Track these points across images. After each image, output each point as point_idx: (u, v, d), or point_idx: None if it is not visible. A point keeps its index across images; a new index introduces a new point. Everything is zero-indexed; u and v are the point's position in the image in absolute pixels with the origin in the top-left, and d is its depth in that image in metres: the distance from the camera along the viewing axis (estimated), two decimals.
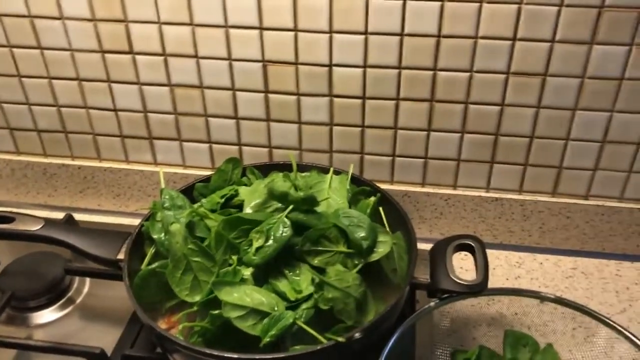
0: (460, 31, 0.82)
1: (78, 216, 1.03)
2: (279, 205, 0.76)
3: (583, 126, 0.87)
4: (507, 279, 0.94)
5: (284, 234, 0.69)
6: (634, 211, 0.93)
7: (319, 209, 0.76)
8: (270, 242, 0.69)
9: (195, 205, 0.79)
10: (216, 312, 0.66)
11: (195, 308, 0.69)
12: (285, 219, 0.71)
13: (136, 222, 1.05)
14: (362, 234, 0.71)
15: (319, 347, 0.64)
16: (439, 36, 0.82)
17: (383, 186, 0.86)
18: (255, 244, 0.69)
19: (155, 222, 0.78)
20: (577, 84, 0.84)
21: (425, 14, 0.81)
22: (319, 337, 0.65)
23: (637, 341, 0.70)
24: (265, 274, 0.70)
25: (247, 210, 0.78)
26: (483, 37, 0.82)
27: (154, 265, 0.74)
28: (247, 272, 0.69)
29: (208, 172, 1.00)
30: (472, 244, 0.78)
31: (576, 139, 0.89)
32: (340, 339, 0.64)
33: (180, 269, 0.70)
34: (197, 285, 0.70)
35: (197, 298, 0.69)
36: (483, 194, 0.96)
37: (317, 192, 0.79)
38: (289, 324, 0.64)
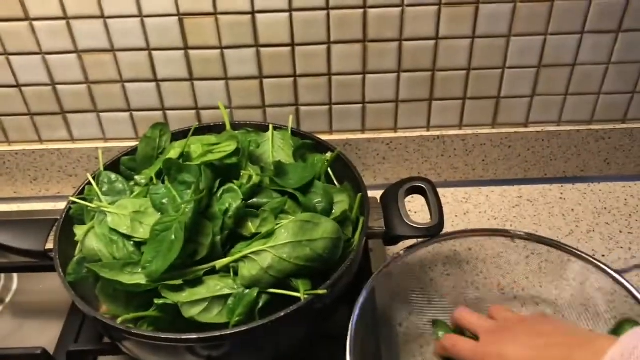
0: None
1: None
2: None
3: (518, 53, 0.85)
4: (457, 216, 0.93)
5: None
6: (572, 133, 0.93)
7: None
8: None
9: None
10: (161, 301, 0.61)
11: None
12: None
13: (60, 205, 0.98)
14: (318, 199, 0.68)
15: (297, 306, 0.59)
16: None
17: (322, 137, 0.82)
18: None
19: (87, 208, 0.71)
20: (509, 10, 0.81)
21: None
22: (297, 294, 0.60)
23: (589, 258, 0.70)
24: None
25: None
26: None
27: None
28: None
29: (133, 143, 0.93)
30: (424, 186, 0.75)
31: (512, 66, 0.87)
32: (321, 292, 0.60)
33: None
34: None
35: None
36: (424, 133, 0.93)
37: (262, 153, 0.74)
38: (255, 296, 0.60)
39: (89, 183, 0.73)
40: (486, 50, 0.85)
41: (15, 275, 0.85)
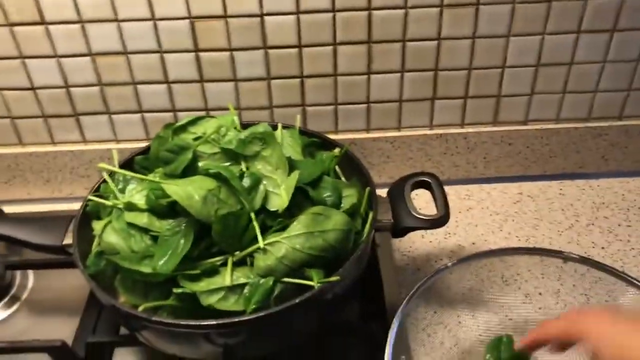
0: None
1: (7, 208, 0.95)
2: None
3: (517, 52, 0.88)
4: (460, 212, 0.96)
5: None
6: (570, 131, 0.96)
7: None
8: None
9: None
10: (179, 290, 0.63)
11: None
12: None
13: (72, 206, 1.00)
14: (327, 193, 0.70)
15: (311, 293, 0.61)
16: None
17: (329, 136, 0.85)
18: None
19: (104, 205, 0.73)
20: (508, 10, 0.84)
21: None
22: (311, 282, 0.62)
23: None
24: None
25: None
26: None
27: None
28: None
29: (144, 144, 0.95)
30: (429, 180, 0.78)
31: (512, 65, 0.90)
32: (334, 279, 0.62)
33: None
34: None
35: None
36: (427, 131, 0.96)
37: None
38: (270, 285, 0.62)
39: (105, 181, 0.75)
40: (486, 50, 0.88)
41: (30, 273, 0.86)
